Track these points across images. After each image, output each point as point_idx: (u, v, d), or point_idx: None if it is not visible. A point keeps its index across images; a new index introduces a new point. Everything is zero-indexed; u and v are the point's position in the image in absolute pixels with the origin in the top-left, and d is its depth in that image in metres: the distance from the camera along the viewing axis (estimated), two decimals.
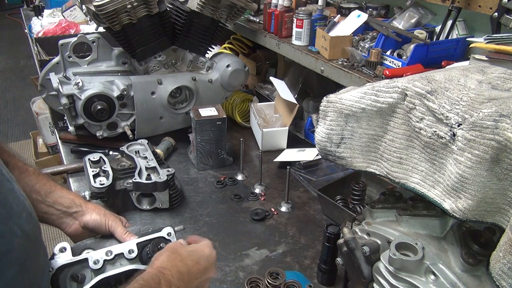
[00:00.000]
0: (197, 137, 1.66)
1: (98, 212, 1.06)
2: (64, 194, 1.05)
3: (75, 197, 1.07)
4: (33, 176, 1.01)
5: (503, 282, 0.69)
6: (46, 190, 1.02)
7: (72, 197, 1.06)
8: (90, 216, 1.05)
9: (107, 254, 0.93)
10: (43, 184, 1.02)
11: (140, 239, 0.98)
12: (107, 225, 1.04)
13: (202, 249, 0.92)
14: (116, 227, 1.04)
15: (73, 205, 1.05)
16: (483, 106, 0.71)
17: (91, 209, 1.06)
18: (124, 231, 1.03)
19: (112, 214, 1.08)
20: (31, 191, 0.99)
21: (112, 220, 1.05)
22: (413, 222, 0.89)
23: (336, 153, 0.96)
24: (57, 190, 1.04)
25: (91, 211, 1.06)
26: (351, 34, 1.54)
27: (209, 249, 0.93)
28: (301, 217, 1.47)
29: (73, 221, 1.06)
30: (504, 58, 0.99)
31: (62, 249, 0.92)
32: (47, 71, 1.75)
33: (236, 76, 1.88)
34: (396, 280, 0.83)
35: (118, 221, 1.06)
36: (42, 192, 1.01)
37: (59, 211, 1.05)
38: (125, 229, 1.04)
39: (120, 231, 1.03)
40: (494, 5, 1.23)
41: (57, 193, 1.04)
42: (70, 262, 0.90)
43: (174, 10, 1.77)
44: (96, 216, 1.05)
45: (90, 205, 1.07)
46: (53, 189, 1.03)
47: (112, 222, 1.05)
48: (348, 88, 0.97)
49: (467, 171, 0.71)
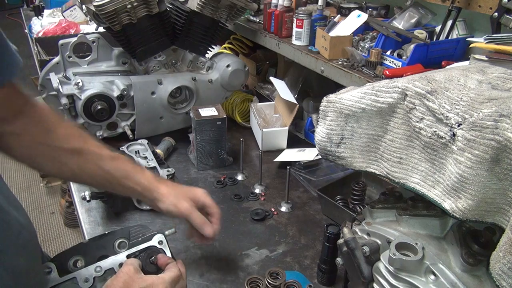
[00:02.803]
0: (197, 137, 1.66)
1: (171, 203, 1.03)
2: (139, 179, 1.02)
3: (149, 181, 1.03)
4: (108, 161, 0.99)
5: (503, 282, 0.69)
6: (122, 175, 1.00)
7: (146, 183, 1.03)
8: (166, 206, 1.04)
9: (96, 270, 0.89)
10: (117, 169, 1.00)
11: (130, 251, 0.94)
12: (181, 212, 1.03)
13: (156, 284, 0.83)
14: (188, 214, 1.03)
15: (147, 192, 1.03)
16: (483, 106, 0.71)
17: (165, 196, 1.03)
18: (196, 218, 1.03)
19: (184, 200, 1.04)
20: (107, 177, 0.99)
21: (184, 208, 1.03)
22: (413, 222, 0.89)
23: (336, 153, 0.96)
24: (131, 175, 1.01)
25: (165, 199, 1.03)
26: (351, 34, 1.54)
27: (164, 285, 0.83)
28: (301, 217, 1.47)
29: (155, 205, 1.06)
30: (504, 58, 0.99)
31: (48, 270, 0.88)
32: (47, 71, 1.75)
33: (236, 76, 1.88)
34: (396, 280, 0.83)
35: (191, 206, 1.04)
36: (119, 177, 1.00)
37: (138, 195, 1.06)
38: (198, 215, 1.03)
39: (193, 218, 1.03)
40: (494, 5, 1.23)
41: (131, 180, 1.01)
42: (58, 284, 0.86)
43: (174, 10, 1.77)
44: (168, 205, 1.03)
45: (163, 190, 1.04)
46: (128, 173, 1.01)
47: (184, 209, 1.03)
48: (348, 88, 0.97)
49: (467, 171, 0.71)
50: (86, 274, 0.89)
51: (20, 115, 0.89)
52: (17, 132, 0.90)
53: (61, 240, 3.25)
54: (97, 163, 0.98)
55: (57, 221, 3.43)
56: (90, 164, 0.97)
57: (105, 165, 0.98)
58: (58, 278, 0.87)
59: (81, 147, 0.96)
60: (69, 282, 0.88)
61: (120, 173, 1.00)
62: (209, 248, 1.32)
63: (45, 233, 3.30)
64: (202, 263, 1.26)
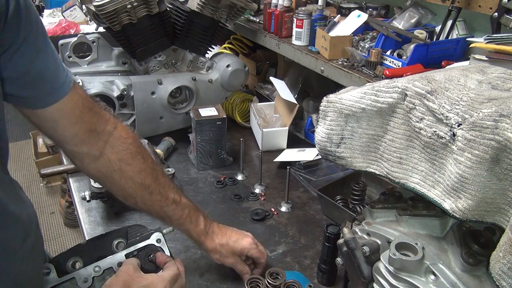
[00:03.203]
0: (197, 137, 1.66)
1: (217, 259, 1.14)
2: (189, 230, 1.10)
3: (198, 234, 1.11)
4: (170, 205, 1.04)
5: (503, 282, 0.69)
6: (177, 221, 1.07)
7: (195, 235, 1.11)
8: (212, 258, 1.14)
9: (95, 270, 0.89)
10: (175, 214, 1.06)
11: (129, 250, 0.94)
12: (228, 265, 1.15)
13: (156, 283, 0.84)
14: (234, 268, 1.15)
15: (197, 244, 1.14)
16: (483, 106, 0.71)
17: (211, 252, 1.13)
18: (240, 271, 1.15)
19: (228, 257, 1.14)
20: (165, 217, 1.06)
21: (228, 263, 1.14)
22: (413, 222, 0.89)
23: (336, 153, 0.96)
24: (184, 224, 1.08)
25: (211, 255, 1.14)
26: (351, 34, 1.54)
27: (163, 284, 0.85)
28: (301, 217, 1.47)
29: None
30: (504, 58, 0.99)
31: (47, 271, 0.87)
32: None
33: (236, 76, 1.88)
34: (396, 280, 0.83)
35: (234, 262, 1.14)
36: (174, 221, 1.07)
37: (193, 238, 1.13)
38: (241, 268, 1.14)
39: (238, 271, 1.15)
40: (494, 5, 1.23)
41: (183, 228, 1.09)
42: (57, 284, 0.86)
43: (174, 10, 1.77)
44: (215, 260, 1.14)
45: (210, 246, 1.12)
46: (183, 221, 1.08)
47: (229, 264, 1.14)
48: (348, 88, 0.97)
49: (467, 171, 0.71)
50: (85, 274, 0.88)
51: (96, 136, 0.91)
52: (94, 155, 0.93)
53: (61, 240, 3.25)
54: (161, 204, 1.03)
55: (57, 221, 3.43)
56: (154, 204, 1.02)
57: (167, 208, 1.04)
58: (57, 278, 0.87)
59: (150, 184, 1.00)
60: (68, 282, 0.87)
61: (176, 220, 1.07)
62: None
63: (45, 233, 3.30)
64: (202, 263, 1.26)
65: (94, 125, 0.90)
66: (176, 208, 1.05)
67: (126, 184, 0.98)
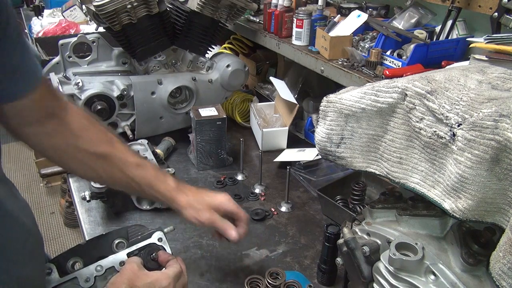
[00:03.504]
0: (197, 137, 1.66)
1: (191, 215, 1.04)
2: (160, 189, 1.03)
3: (169, 191, 1.04)
4: (133, 168, 1.00)
5: (503, 282, 0.69)
6: (145, 183, 1.02)
7: (166, 193, 1.04)
8: (186, 217, 1.05)
9: (97, 269, 0.89)
10: (141, 177, 1.01)
11: (131, 249, 0.94)
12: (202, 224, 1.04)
13: (160, 280, 0.85)
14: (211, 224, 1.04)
15: (169, 202, 1.05)
16: (483, 106, 0.71)
17: (184, 208, 1.04)
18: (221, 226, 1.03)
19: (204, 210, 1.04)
20: (132, 183, 1.01)
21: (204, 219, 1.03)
22: (413, 222, 0.89)
23: (336, 153, 0.96)
24: (153, 184, 1.02)
25: (185, 211, 1.04)
26: (351, 34, 1.54)
27: (168, 281, 0.85)
28: (301, 217, 1.47)
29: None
30: (504, 58, 0.99)
31: (48, 271, 0.88)
32: (47, 71, 1.75)
33: (236, 76, 1.88)
34: (396, 280, 0.83)
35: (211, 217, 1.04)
36: (142, 185, 1.01)
37: (163, 203, 1.08)
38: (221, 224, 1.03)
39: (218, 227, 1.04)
40: (494, 5, 1.23)
41: (153, 189, 1.02)
42: (59, 284, 0.86)
43: (174, 10, 1.77)
44: (189, 217, 1.04)
45: (183, 201, 1.04)
46: (150, 182, 1.02)
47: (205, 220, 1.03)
48: (348, 88, 0.97)
49: (467, 171, 0.72)
50: (87, 273, 0.88)
51: (53, 117, 0.91)
52: (49, 133, 0.92)
53: (61, 240, 3.25)
54: (122, 169, 0.99)
55: (57, 221, 3.43)
56: (115, 170, 0.99)
57: (130, 172, 1.00)
58: (58, 278, 0.87)
59: (107, 152, 0.97)
60: (70, 282, 0.87)
61: (143, 181, 1.01)
62: (209, 248, 1.32)
63: (45, 233, 3.30)
64: (202, 263, 1.26)
65: (52, 108, 0.90)
66: (138, 169, 1.01)
67: (83, 157, 0.96)
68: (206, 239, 1.36)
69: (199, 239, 1.36)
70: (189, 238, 1.36)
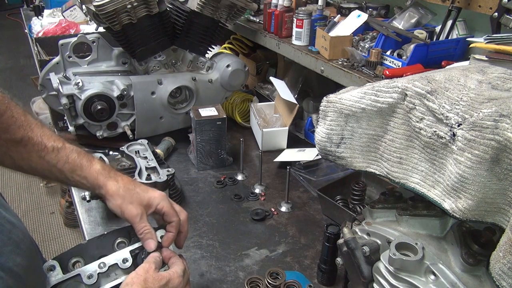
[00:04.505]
0: (197, 137, 1.66)
1: (117, 204, 0.93)
2: (84, 174, 0.93)
3: (95, 177, 0.94)
4: (51, 153, 0.91)
5: (503, 282, 0.69)
6: (67, 169, 0.93)
7: (92, 178, 0.94)
8: (111, 206, 0.95)
9: (100, 266, 0.89)
10: (62, 162, 0.92)
11: (133, 246, 0.94)
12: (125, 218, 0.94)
13: (173, 279, 0.85)
14: (133, 223, 0.93)
15: (95, 188, 0.95)
16: (483, 106, 0.71)
17: (111, 196, 0.94)
18: (141, 229, 0.92)
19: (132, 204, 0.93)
20: (53, 170, 0.92)
21: (129, 214, 0.92)
22: (413, 222, 0.89)
23: (336, 153, 0.96)
24: (76, 169, 0.93)
25: (111, 199, 0.94)
26: (351, 34, 1.54)
27: (179, 279, 0.86)
28: (301, 217, 1.47)
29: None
30: (504, 58, 0.99)
31: (51, 267, 0.87)
32: (47, 71, 1.75)
33: (236, 76, 1.88)
34: (396, 280, 0.83)
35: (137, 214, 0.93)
36: (65, 171, 0.93)
37: (89, 190, 0.99)
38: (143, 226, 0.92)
39: (137, 229, 0.92)
40: (494, 5, 1.23)
41: (77, 174, 0.93)
42: (62, 281, 0.86)
43: (174, 10, 1.77)
44: (114, 207, 0.94)
45: (111, 188, 0.94)
46: (73, 167, 0.93)
47: (129, 216, 0.92)
48: (348, 88, 0.97)
49: (467, 171, 0.71)
50: (90, 270, 0.89)
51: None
52: None
53: (61, 240, 3.25)
54: (40, 155, 0.91)
55: (57, 221, 3.43)
56: (33, 156, 0.91)
57: (49, 157, 0.91)
58: (61, 275, 0.87)
59: (23, 137, 0.89)
60: (73, 279, 0.88)
61: (66, 167, 0.92)
62: (209, 248, 1.32)
63: (45, 233, 3.30)
64: (202, 263, 1.26)
65: None
66: (58, 154, 0.92)
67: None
68: (206, 239, 1.36)
69: (199, 239, 1.36)
70: (189, 238, 1.36)
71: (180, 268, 0.89)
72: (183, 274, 0.88)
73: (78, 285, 0.88)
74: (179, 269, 0.89)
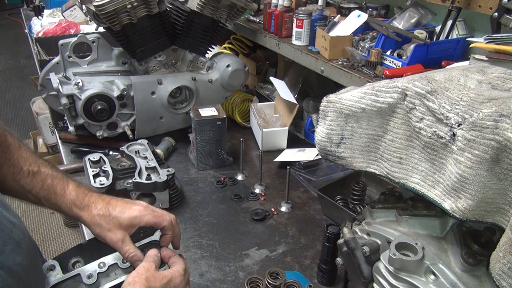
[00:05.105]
0: (197, 137, 1.66)
1: (98, 234, 0.90)
2: (59, 203, 0.91)
3: (70, 207, 0.91)
4: (26, 178, 0.89)
5: (503, 282, 0.69)
6: (42, 196, 0.91)
7: (66, 208, 0.91)
8: (92, 233, 0.92)
9: (100, 266, 0.89)
10: (37, 188, 0.90)
11: None
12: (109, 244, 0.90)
13: (175, 278, 0.85)
14: (117, 248, 0.89)
15: (76, 219, 0.93)
16: (483, 106, 0.71)
17: (90, 226, 0.91)
18: (126, 253, 0.88)
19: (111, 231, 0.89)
20: (28, 195, 0.91)
21: (110, 242, 0.89)
22: (413, 222, 0.89)
23: (336, 153, 0.96)
24: (50, 197, 0.91)
25: (91, 229, 0.91)
26: (351, 34, 1.54)
27: (180, 278, 0.85)
28: (301, 217, 1.47)
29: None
30: (504, 58, 0.99)
31: (51, 267, 0.87)
32: (47, 71, 1.75)
33: (236, 76, 1.88)
34: (396, 280, 0.83)
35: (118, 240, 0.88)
36: (41, 197, 0.91)
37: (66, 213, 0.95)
38: (127, 250, 0.88)
39: (122, 254, 0.89)
40: (494, 5, 1.23)
41: (52, 202, 0.91)
42: (62, 280, 0.86)
43: (174, 10, 1.77)
44: (95, 236, 0.92)
45: (87, 219, 0.90)
46: (47, 194, 0.91)
47: (111, 243, 0.89)
48: (348, 88, 0.97)
49: (467, 171, 0.71)
50: (90, 270, 0.89)
51: None
52: None
53: (61, 240, 3.25)
54: (15, 178, 0.88)
55: (57, 221, 3.43)
56: (8, 179, 0.88)
57: (24, 181, 0.89)
58: (61, 275, 0.87)
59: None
60: (72, 279, 0.88)
61: (41, 193, 0.90)
62: (209, 248, 1.32)
63: (45, 233, 3.30)
64: (202, 263, 1.26)
65: None
66: (33, 179, 0.89)
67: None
68: (206, 239, 1.36)
69: (199, 239, 1.36)
70: (189, 238, 1.36)
71: (181, 267, 0.89)
72: (184, 273, 0.88)
73: (78, 285, 0.88)
74: (180, 268, 0.89)
